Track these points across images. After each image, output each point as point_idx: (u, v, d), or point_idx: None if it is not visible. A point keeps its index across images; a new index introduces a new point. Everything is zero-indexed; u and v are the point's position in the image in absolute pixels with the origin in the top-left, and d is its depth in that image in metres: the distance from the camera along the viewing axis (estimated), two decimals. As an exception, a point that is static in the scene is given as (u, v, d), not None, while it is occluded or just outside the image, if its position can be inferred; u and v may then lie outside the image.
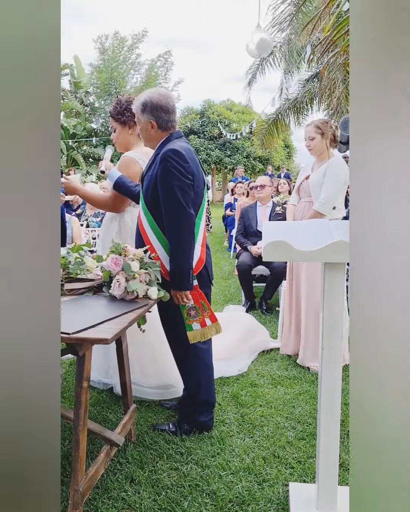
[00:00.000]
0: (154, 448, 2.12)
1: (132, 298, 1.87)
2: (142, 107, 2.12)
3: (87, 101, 20.21)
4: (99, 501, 1.76)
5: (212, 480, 1.89)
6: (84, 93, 19.96)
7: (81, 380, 1.55)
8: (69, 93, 19.76)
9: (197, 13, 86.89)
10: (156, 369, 2.63)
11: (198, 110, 24.36)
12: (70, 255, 2.09)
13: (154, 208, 2.12)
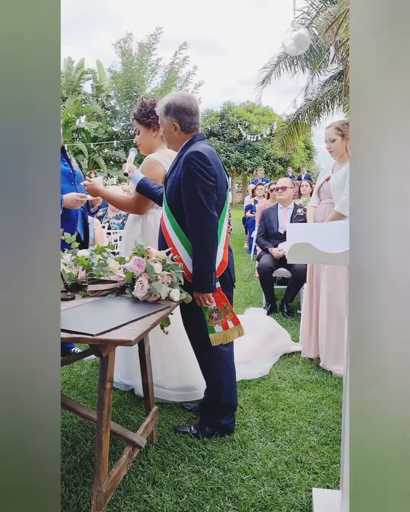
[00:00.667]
0: (176, 450, 2.12)
1: (155, 300, 1.88)
2: (165, 110, 2.13)
3: (109, 105, 20.44)
4: (121, 503, 1.76)
5: (234, 484, 1.87)
6: (105, 96, 20.20)
7: (104, 382, 1.55)
8: (91, 97, 20.02)
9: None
10: (178, 371, 2.63)
11: (218, 112, 24.41)
12: (93, 256, 2.11)
13: (177, 210, 2.12)
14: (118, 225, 5.63)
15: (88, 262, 2.07)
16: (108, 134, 19.58)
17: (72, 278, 2.02)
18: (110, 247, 2.20)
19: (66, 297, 1.90)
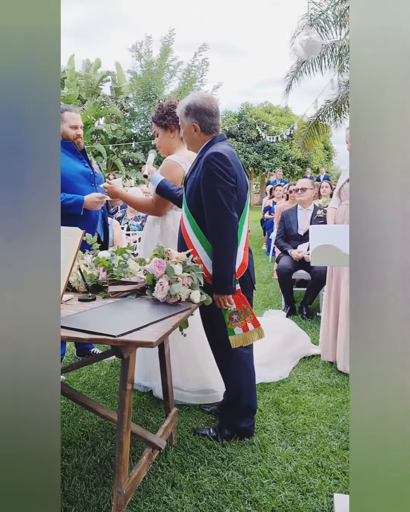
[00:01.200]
0: (195, 452, 2.11)
1: (175, 301, 1.87)
2: (186, 111, 2.13)
3: (127, 107, 20.59)
4: (141, 504, 1.76)
5: (253, 488, 1.86)
6: (124, 98, 20.35)
7: (125, 383, 1.56)
8: (110, 99, 20.19)
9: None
10: (197, 374, 2.63)
11: (236, 113, 24.37)
12: (114, 258, 2.12)
13: (197, 211, 2.11)
14: (137, 226, 5.67)
15: (109, 263, 2.08)
16: (126, 136, 19.73)
17: (93, 279, 2.04)
18: (130, 248, 2.21)
19: (87, 298, 1.91)
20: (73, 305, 1.84)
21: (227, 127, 22.49)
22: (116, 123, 19.75)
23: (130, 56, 20.21)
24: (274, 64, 60.05)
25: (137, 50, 19.84)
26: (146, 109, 19.35)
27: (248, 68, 77.34)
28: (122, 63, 20.43)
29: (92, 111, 17.96)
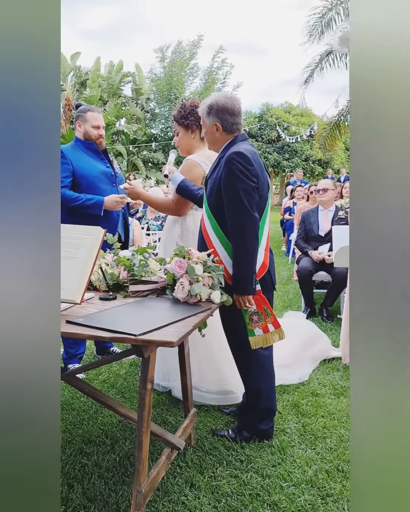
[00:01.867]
0: (213, 453, 2.10)
1: (196, 301, 1.87)
2: (208, 110, 2.13)
3: (148, 107, 20.71)
4: (160, 504, 1.76)
5: (272, 491, 1.84)
6: (145, 99, 20.47)
7: (145, 382, 1.56)
8: (130, 100, 20.35)
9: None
10: (215, 375, 2.62)
11: (257, 114, 24.28)
12: (134, 257, 2.12)
13: (218, 211, 2.10)
14: (157, 226, 5.69)
15: (130, 262, 2.08)
16: (147, 137, 19.85)
17: (114, 278, 2.04)
18: (151, 248, 2.21)
19: (108, 297, 1.92)
20: (95, 303, 1.85)
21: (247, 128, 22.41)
22: (136, 123, 19.89)
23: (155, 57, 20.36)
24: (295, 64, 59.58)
25: (162, 52, 19.96)
26: (167, 110, 19.44)
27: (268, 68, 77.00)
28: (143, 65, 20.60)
29: (113, 112, 18.12)
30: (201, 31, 21.59)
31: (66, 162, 2.79)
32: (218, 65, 20.14)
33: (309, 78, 11.60)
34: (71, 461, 2.04)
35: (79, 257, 1.77)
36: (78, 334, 1.48)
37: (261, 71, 74.08)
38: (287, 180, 16.06)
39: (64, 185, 2.76)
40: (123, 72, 20.23)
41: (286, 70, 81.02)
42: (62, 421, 2.42)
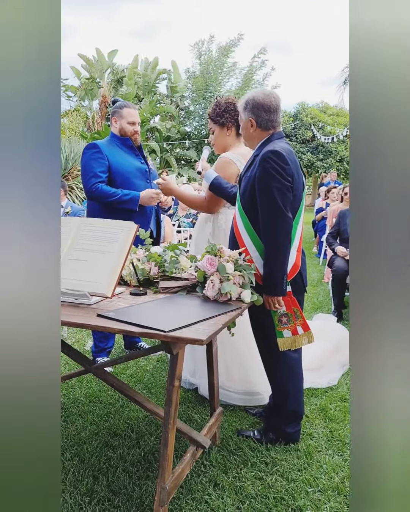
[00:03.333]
0: (238, 454, 2.08)
1: (225, 300, 1.85)
2: (244, 105, 2.11)
3: (183, 105, 20.79)
4: (183, 501, 1.76)
5: (298, 496, 1.81)
6: (180, 97, 20.56)
7: (173, 379, 1.55)
8: (165, 97, 20.47)
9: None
10: (242, 375, 2.60)
11: (292, 113, 24.02)
12: (166, 253, 2.12)
13: (251, 210, 2.08)
14: (188, 223, 5.70)
15: (161, 258, 2.09)
16: (180, 134, 19.93)
17: (145, 273, 2.05)
18: (183, 245, 2.21)
19: (138, 292, 1.93)
20: (125, 298, 1.86)
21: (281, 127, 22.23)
22: (171, 121, 19.99)
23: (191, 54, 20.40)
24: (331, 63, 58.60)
25: (198, 49, 19.95)
26: (201, 108, 19.45)
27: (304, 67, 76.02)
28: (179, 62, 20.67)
29: (148, 109, 18.28)
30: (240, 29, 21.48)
31: (103, 157, 2.82)
32: (257, 65, 19.98)
33: (348, 78, 11.36)
34: (97, 453, 2.06)
35: (112, 252, 1.79)
36: (108, 328, 1.49)
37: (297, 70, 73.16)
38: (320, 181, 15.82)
39: (101, 180, 2.78)
40: (159, 70, 20.36)
41: (323, 69, 79.77)
42: (90, 413, 2.45)
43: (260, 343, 2.22)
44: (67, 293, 1.73)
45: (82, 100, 21.22)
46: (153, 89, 20.28)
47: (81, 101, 21.24)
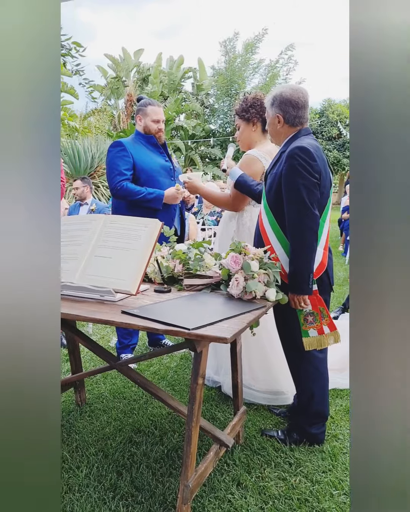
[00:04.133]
0: (262, 454, 2.07)
1: (250, 298, 1.84)
2: (271, 101, 2.09)
3: (207, 103, 20.76)
4: (206, 499, 1.75)
5: (322, 498, 1.78)
6: (205, 95, 20.53)
7: (197, 377, 1.55)
8: (190, 95, 20.48)
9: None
10: (266, 374, 2.57)
11: (318, 110, 23.71)
12: (190, 251, 2.12)
13: (277, 207, 2.05)
14: (212, 221, 5.69)
15: (185, 256, 2.08)
16: (205, 132, 19.91)
17: (169, 271, 2.05)
18: (207, 243, 2.20)
19: (162, 289, 1.93)
20: (149, 295, 1.86)
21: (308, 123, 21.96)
22: (196, 119, 20.00)
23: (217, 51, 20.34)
24: (360, 58, 57.07)
25: (224, 46, 19.86)
26: (227, 105, 19.38)
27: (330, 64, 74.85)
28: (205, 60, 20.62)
29: (173, 107, 18.33)
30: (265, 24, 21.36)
31: (128, 155, 2.83)
32: (284, 61, 19.76)
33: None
34: (120, 449, 2.08)
35: (136, 249, 1.79)
36: (133, 324, 1.49)
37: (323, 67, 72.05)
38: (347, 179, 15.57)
39: (126, 178, 2.80)
40: (184, 68, 20.38)
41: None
42: (114, 409, 2.47)
43: (285, 343, 2.19)
44: (92, 290, 1.74)
45: (108, 99, 21.45)
46: (178, 87, 20.32)
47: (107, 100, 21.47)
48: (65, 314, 1.59)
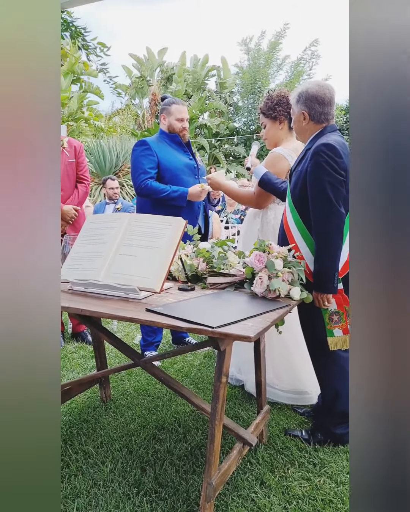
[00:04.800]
0: (285, 453, 2.05)
1: (274, 297, 1.82)
2: (297, 97, 2.07)
3: (231, 101, 20.69)
4: (229, 498, 1.75)
5: (347, 499, 1.75)
6: (228, 93, 20.47)
7: (220, 375, 1.55)
8: (214, 94, 20.45)
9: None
10: (289, 373, 2.55)
11: (344, 106, 23.33)
12: (214, 249, 2.12)
13: (302, 205, 2.04)
14: (236, 220, 5.67)
15: (209, 254, 2.08)
16: (229, 130, 19.85)
17: (193, 269, 2.06)
18: (231, 241, 2.19)
19: (186, 287, 1.93)
20: (173, 293, 1.87)
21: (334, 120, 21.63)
22: (219, 117, 19.96)
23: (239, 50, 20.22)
24: (388, 52, 55.87)
25: (246, 44, 19.74)
26: (251, 103, 19.27)
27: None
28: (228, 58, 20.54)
29: (197, 105, 18.34)
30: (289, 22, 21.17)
31: (152, 154, 2.85)
32: (308, 57, 19.50)
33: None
34: (144, 446, 2.10)
35: (161, 247, 1.80)
36: (157, 322, 1.50)
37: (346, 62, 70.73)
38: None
39: (150, 177, 2.82)
40: (208, 66, 20.36)
41: (378, 59, 76.51)
42: (138, 405, 2.49)
43: (309, 342, 2.17)
44: (117, 288, 1.76)
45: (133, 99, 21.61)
46: (202, 86, 20.31)
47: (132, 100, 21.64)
48: (90, 312, 1.61)
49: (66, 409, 2.45)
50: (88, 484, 1.83)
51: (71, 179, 3.33)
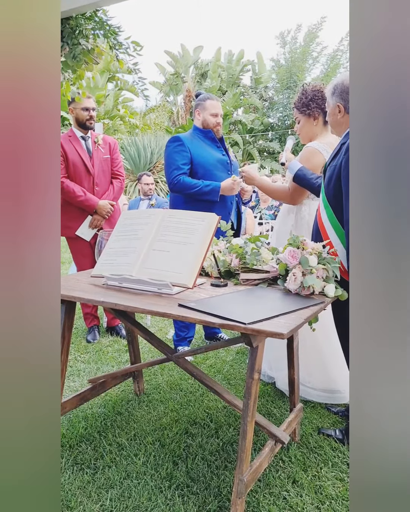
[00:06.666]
0: (318, 452, 2.02)
1: (308, 294, 1.79)
2: (332, 90, 2.02)
3: (266, 96, 20.49)
4: (260, 495, 1.75)
5: (382, 501, 1.71)
6: (263, 88, 20.29)
7: (253, 372, 1.54)
8: (249, 89, 20.31)
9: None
10: (322, 372, 2.51)
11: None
12: (247, 245, 2.10)
13: (336, 200, 1.99)
14: (269, 216, 5.62)
15: (242, 250, 2.07)
16: (263, 126, 19.69)
17: (226, 265, 2.05)
18: (264, 237, 2.17)
19: (219, 283, 1.93)
20: (206, 289, 1.87)
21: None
22: (254, 113, 19.82)
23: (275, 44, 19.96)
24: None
25: (283, 37, 19.47)
26: (286, 98, 19.02)
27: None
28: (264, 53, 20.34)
29: (231, 101, 18.28)
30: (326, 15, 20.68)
31: (185, 150, 2.86)
32: (344, 48, 19.05)
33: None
34: (177, 440, 2.12)
35: (194, 243, 1.80)
36: (189, 317, 1.50)
37: (389, 53, 68.64)
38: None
39: (183, 172, 2.83)
40: (243, 62, 20.23)
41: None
42: (170, 400, 2.52)
43: (344, 341, 2.13)
44: (150, 283, 1.78)
45: (167, 96, 21.74)
46: (237, 82, 20.20)
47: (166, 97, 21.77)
48: (124, 306, 1.64)
49: (100, 402, 2.50)
50: (121, 475, 1.86)
51: (106, 175, 3.40)
